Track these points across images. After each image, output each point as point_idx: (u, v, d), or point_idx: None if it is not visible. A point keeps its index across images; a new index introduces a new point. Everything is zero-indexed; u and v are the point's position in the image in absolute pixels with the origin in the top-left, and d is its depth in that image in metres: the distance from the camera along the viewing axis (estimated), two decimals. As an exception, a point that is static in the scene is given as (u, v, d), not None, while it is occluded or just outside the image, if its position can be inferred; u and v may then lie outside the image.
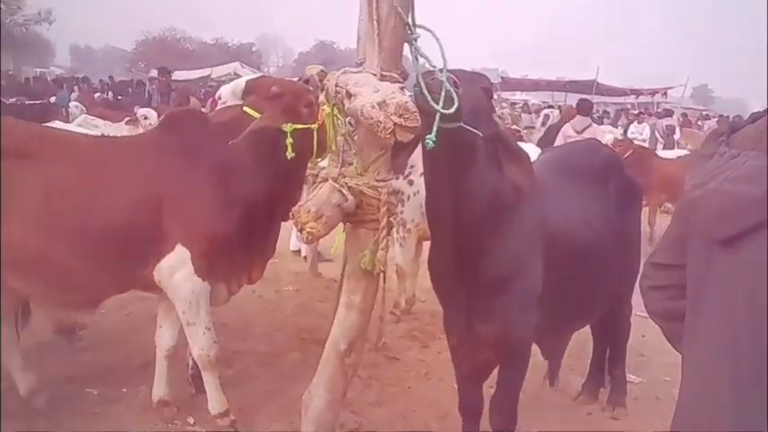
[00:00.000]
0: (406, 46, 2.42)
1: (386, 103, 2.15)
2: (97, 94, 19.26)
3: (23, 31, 33.95)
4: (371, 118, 2.16)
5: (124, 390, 3.83)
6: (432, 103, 2.19)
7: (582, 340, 4.24)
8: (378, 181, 2.45)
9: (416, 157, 2.65)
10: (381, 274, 2.53)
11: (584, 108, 8.79)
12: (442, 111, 2.20)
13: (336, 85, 2.42)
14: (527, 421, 3.33)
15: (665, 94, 24.54)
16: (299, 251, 6.89)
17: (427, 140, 2.22)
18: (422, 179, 2.77)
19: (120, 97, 18.48)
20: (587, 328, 3.88)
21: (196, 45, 48.31)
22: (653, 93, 24.38)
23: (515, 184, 2.59)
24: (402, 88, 2.43)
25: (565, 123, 9.35)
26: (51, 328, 4.24)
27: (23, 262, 3.12)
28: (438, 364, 4.23)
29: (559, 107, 18.57)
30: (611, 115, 23.00)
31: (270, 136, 3.19)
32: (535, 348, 3.19)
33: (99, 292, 3.34)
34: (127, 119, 7.78)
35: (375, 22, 2.35)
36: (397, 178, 4.68)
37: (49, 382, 3.74)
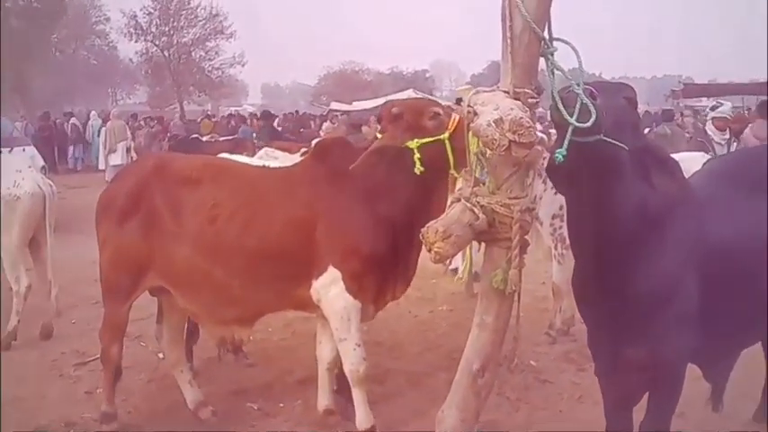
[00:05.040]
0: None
1: (502, 120, 2.15)
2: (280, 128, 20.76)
3: (220, 74, 37.34)
4: (487, 136, 2.17)
5: (281, 404, 4.07)
6: (566, 116, 2.14)
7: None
8: (510, 199, 2.43)
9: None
10: (516, 294, 2.49)
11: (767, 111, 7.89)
12: (576, 124, 2.14)
13: (468, 105, 2.45)
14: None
15: None
16: (456, 269, 6.88)
17: (557, 154, 2.18)
18: None
19: (302, 130, 19.85)
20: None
21: (373, 76, 50.29)
22: None
23: (666, 196, 2.45)
24: (536, 103, 2.41)
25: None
26: (215, 343, 4.52)
27: (190, 281, 3.47)
28: (595, 388, 3.95)
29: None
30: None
31: (407, 156, 3.27)
32: (698, 371, 2.98)
33: (256, 310, 3.58)
34: (303, 150, 8.30)
35: (508, 39, 2.35)
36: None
37: (215, 397, 4.07)
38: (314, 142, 8.39)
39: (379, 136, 3.47)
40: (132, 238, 3.50)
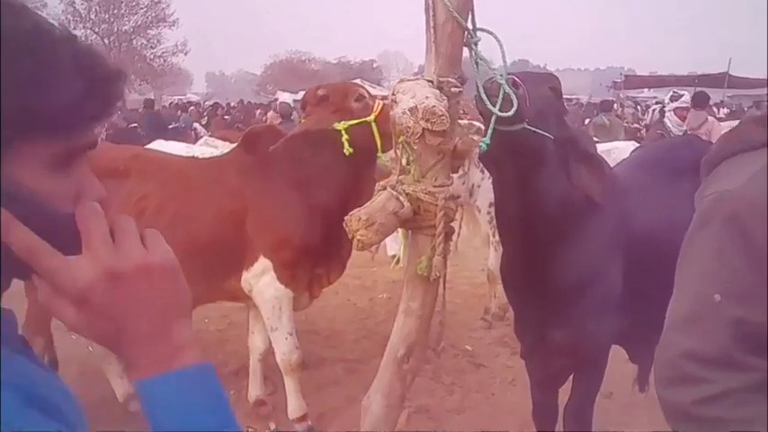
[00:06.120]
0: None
1: (416, 108, 2.16)
2: (227, 117, 20.49)
3: (162, 62, 36.57)
4: (402, 124, 2.18)
5: (215, 395, 4.01)
6: (488, 105, 2.16)
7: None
8: (435, 187, 2.44)
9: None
10: (441, 280, 2.52)
11: (700, 102, 8.14)
12: (498, 113, 2.16)
13: (392, 93, 2.46)
14: (617, 428, 3.18)
15: (812, 80, 22.28)
16: (394, 255, 6.90)
17: (481, 143, 2.21)
18: None
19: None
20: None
21: (320, 65, 49.99)
22: (796, 80, 22.22)
23: (582, 191, 2.50)
24: (459, 92, 2.43)
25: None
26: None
27: None
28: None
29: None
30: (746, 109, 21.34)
31: (335, 139, 3.25)
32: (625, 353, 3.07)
33: None
34: (242, 139, 8.19)
35: (432, 29, 2.36)
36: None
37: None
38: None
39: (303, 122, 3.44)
40: None
